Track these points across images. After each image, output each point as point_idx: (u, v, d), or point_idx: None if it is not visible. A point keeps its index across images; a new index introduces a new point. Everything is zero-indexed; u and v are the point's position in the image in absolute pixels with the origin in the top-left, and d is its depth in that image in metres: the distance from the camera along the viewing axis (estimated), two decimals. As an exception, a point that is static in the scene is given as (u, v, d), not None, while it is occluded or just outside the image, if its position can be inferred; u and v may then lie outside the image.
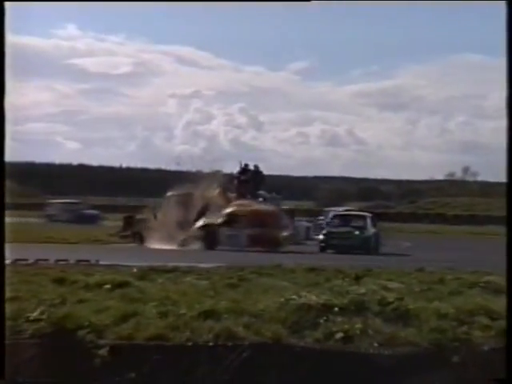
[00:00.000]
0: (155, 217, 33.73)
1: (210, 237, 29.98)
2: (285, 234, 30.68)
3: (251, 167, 34.55)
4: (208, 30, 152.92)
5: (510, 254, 6.19)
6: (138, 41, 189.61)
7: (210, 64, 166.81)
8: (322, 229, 33.09)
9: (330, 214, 38.35)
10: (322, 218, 44.51)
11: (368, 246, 28.84)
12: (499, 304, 9.73)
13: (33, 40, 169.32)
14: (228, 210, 31.06)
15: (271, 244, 29.00)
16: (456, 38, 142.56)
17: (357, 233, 29.93)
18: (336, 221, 32.55)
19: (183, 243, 29.93)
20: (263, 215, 31.12)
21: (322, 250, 29.57)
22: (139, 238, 31.36)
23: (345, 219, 32.32)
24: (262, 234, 29.56)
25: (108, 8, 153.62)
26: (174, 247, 29.05)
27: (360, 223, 31.04)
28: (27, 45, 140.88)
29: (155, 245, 29.56)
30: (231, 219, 30.54)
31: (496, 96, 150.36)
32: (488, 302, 9.89)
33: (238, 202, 32.08)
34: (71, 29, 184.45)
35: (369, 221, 31.35)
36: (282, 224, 31.44)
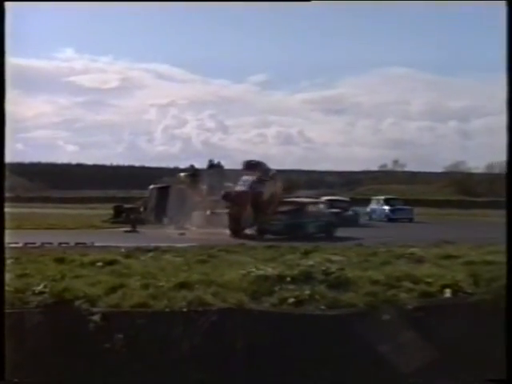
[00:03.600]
0: (142, 206, 33.48)
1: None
2: None
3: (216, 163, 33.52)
4: (181, 50, 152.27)
5: (510, 254, 6.01)
6: (124, 60, 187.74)
7: (183, 78, 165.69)
8: None
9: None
10: None
11: (293, 232, 24.14)
12: (420, 271, 9.83)
13: (38, 63, 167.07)
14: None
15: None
16: (386, 53, 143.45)
17: (283, 219, 26.09)
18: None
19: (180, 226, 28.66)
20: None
21: (259, 234, 25.59)
22: (132, 224, 30.19)
23: (284, 207, 27.75)
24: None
25: (99, 34, 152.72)
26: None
27: (293, 210, 27.12)
28: (34, 67, 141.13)
29: (145, 229, 28.33)
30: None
31: (418, 102, 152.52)
32: (412, 269, 9.98)
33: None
34: (69, 52, 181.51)
35: (307, 208, 27.66)
36: None
